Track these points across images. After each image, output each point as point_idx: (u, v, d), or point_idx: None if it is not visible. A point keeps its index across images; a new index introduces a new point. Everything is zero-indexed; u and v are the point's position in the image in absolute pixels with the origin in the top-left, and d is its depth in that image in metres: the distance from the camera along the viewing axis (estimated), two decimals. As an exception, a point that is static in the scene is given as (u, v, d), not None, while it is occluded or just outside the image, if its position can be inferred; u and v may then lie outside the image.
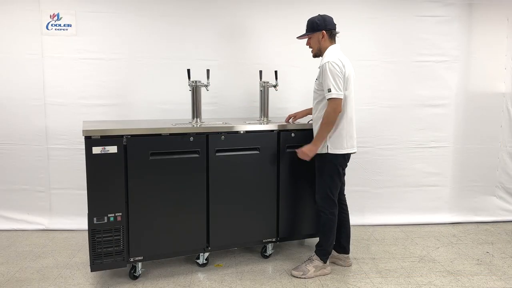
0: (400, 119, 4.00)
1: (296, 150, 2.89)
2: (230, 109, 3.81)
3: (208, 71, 3.15)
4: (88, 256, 2.74)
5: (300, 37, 2.96)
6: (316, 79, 2.85)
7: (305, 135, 3.13)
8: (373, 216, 4.03)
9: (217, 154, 2.90)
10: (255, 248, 3.31)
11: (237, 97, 3.80)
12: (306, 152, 2.81)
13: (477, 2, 3.95)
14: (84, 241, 3.41)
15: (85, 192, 2.63)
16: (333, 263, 3.07)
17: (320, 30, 2.82)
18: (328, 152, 2.80)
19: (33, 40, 3.54)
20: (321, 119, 2.77)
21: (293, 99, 3.90)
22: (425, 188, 4.09)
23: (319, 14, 2.90)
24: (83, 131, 2.60)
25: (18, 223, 3.72)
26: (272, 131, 3.05)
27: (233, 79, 3.77)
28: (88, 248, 2.71)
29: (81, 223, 3.58)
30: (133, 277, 2.85)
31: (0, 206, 3.72)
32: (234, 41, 3.75)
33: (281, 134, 3.06)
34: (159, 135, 2.76)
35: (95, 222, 2.65)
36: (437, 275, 2.98)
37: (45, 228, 3.72)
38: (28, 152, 3.66)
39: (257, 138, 3.00)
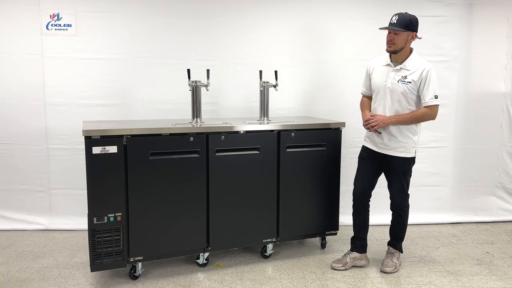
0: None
1: (368, 118, 2.87)
2: (230, 109, 3.80)
3: (208, 71, 3.15)
4: (88, 256, 2.74)
5: (387, 28, 2.81)
6: (408, 81, 2.78)
7: (306, 135, 3.14)
8: (373, 216, 4.01)
9: (217, 154, 2.90)
10: (255, 248, 3.31)
11: (237, 97, 3.80)
12: (380, 119, 2.81)
13: (477, 2, 3.95)
14: (84, 241, 3.41)
15: (85, 192, 2.63)
16: (354, 265, 3.07)
17: (413, 31, 2.78)
18: (415, 155, 2.91)
19: (33, 40, 3.54)
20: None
21: (293, 99, 3.90)
22: (425, 188, 4.09)
23: (408, 14, 2.80)
24: (83, 131, 2.60)
25: (18, 223, 3.72)
26: (272, 131, 3.05)
27: (233, 79, 3.77)
28: (88, 248, 2.71)
29: (81, 223, 3.58)
30: (133, 277, 2.85)
31: (0, 206, 3.72)
32: (234, 41, 3.75)
33: (281, 134, 3.06)
34: (159, 135, 2.76)
35: (95, 222, 2.65)
36: (437, 275, 2.98)
37: (45, 228, 3.71)
38: (28, 152, 3.66)
39: (257, 138, 3.00)
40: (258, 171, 3.03)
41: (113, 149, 2.62)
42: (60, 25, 3.55)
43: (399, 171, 2.91)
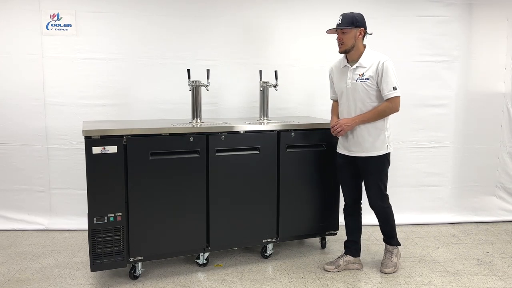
0: (400, 119, 3.98)
1: (333, 125, 2.88)
2: (230, 109, 3.81)
3: (208, 71, 3.15)
4: (88, 256, 2.74)
5: (331, 31, 2.84)
6: (366, 78, 2.75)
7: (306, 135, 3.14)
8: (373, 216, 4.01)
9: (217, 154, 2.90)
10: (255, 248, 3.31)
11: (237, 97, 3.80)
12: (343, 123, 2.80)
13: (477, 2, 3.95)
14: (84, 241, 3.41)
15: (85, 192, 2.63)
16: (347, 268, 3.04)
17: (360, 27, 2.76)
18: (388, 151, 2.85)
19: (33, 40, 3.54)
20: (380, 120, 2.81)
21: (293, 99, 3.90)
22: (425, 188, 4.09)
23: (352, 12, 2.81)
24: (83, 131, 2.60)
25: (18, 223, 3.72)
26: (272, 131, 3.05)
27: (233, 79, 3.77)
28: (88, 248, 2.71)
29: (81, 223, 3.58)
30: (133, 277, 2.85)
31: (0, 206, 3.72)
32: (234, 41, 3.75)
33: (281, 134, 3.06)
34: (159, 135, 2.76)
35: (95, 222, 2.65)
36: (437, 275, 2.98)
37: (45, 228, 3.72)
38: (28, 152, 3.66)
39: (257, 138, 3.00)
40: (258, 171, 3.03)
41: (113, 149, 2.62)
42: (60, 25, 3.55)
43: (374, 172, 2.85)
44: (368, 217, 3.97)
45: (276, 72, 3.36)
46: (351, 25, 2.74)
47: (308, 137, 3.16)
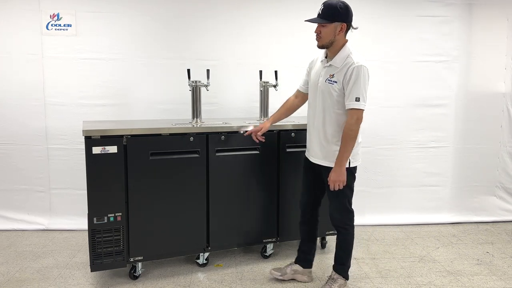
0: (400, 119, 4.00)
1: (329, 183, 2.48)
2: (230, 109, 3.80)
3: (208, 71, 3.15)
4: (88, 256, 2.74)
5: (311, 21, 2.44)
6: (334, 81, 2.42)
7: (306, 135, 3.13)
8: (373, 216, 4.03)
9: (217, 154, 2.90)
10: (255, 248, 3.31)
11: (237, 97, 3.80)
12: (337, 179, 2.43)
13: (477, 2, 3.95)
14: (84, 241, 3.41)
15: (85, 192, 2.63)
16: (294, 279, 2.83)
17: (341, 22, 2.40)
18: (350, 166, 2.49)
19: (33, 40, 3.54)
20: (339, 131, 2.45)
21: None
22: (425, 188, 4.09)
23: (340, 1, 2.44)
24: (83, 131, 2.60)
25: (18, 223, 3.72)
26: (272, 131, 3.05)
27: (233, 79, 3.77)
28: (88, 248, 2.71)
29: (81, 223, 3.58)
30: (133, 277, 2.85)
31: (0, 206, 3.72)
32: (234, 41, 3.75)
33: (281, 134, 3.06)
34: (159, 135, 2.76)
35: (95, 222, 2.65)
36: (437, 275, 2.98)
37: (45, 228, 3.71)
38: (28, 152, 3.66)
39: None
40: (258, 171, 3.03)
41: (113, 149, 2.62)
42: (60, 25, 3.55)
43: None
44: (368, 217, 4.01)
45: (276, 72, 3.36)
46: (331, 18, 2.37)
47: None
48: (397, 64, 3.94)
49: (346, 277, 2.72)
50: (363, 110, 2.38)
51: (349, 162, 2.49)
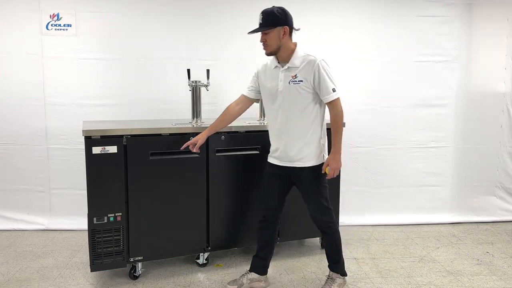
0: (400, 119, 4.00)
1: (325, 171, 2.50)
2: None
3: (208, 71, 3.15)
4: (88, 256, 2.74)
5: (253, 32, 2.51)
6: (299, 80, 2.43)
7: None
8: (373, 216, 4.03)
9: (217, 154, 2.90)
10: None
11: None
12: (336, 166, 2.48)
13: (477, 2, 3.95)
14: (84, 241, 3.41)
15: (85, 192, 2.63)
16: (251, 287, 2.75)
17: (282, 25, 2.43)
18: (324, 161, 2.53)
19: (33, 40, 3.54)
20: (316, 125, 2.50)
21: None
22: (425, 188, 4.09)
23: (276, 6, 2.48)
24: (83, 131, 2.60)
25: (18, 223, 3.72)
26: (272, 131, 3.05)
27: (233, 79, 3.77)
28: (88, 248, 2.71)
29: (81, 223, 3.58)
30: (133, 277, 2.85)
31: (0, 206, 3.72)
32: (234, 41, 3.75)
33: (281, 134, 3.06)
34: (159, 135, 2.76)
35: (95, 222, 2.65)
36: (437, 275, 2.98)
37: (45, 228, 3.72)
38: (28, 152, 3.66)
39: (257, 138, 3.00)
40: (258, 171, 3.03)
41: (113, 149, 2.62)
42: (60, 25, 3.55)
43: (310, 184, 2.54)
44: (368, 216, 4.02)
45: (276, 72, 3.36)
46: (273, 24, 2.42)
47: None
48: (397, 64, 3.94)
49: (343, 273, 2.73)
50: (340, 98, 2.47)
51: (323, 157, 2.54)
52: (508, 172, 4.14)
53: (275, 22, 2.42)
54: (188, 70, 3.11)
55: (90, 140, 2.58)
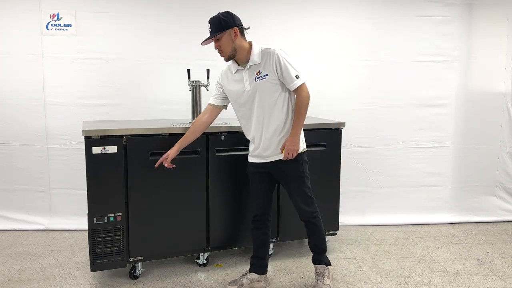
0: (400, 119, 4.00)
1: (281, 152, 2.53)
2: (230, 109, 3.79)
3: (208, 71, 3.15)
4: (88, 256, 2.74)
5: (206, 42, 2.57)
6: (265, 74, 2.44)
7: (306, 135, 3.13)
8: (373, 216, 4.03)
9: (217, 154, 2.90)
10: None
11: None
12: (292, 147, 2.48)
13: (477, 2, 3.95)
14: (84, 241, 3.41)
15: (85, 192, 2.63)
16: (252, 287, 2.75)
17: (231, 27, 2.47)
18: (303, 150, 2.58)
19: (33, 40, 3.54)
20: (290, 114, 2.52)
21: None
22: (425, 188, 4.09)
23: (220, 12, 2.56)
24: (83, 131, 2.60)
25: (18, 223, 3.72)
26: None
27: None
28: (88, 248, 2.71)
29: (81, 223, 3.58)
30: (133, 277, 2.85)
31: (0, 206, 3.73)
32: (234, 41, 3.75)
33: (281, 134, 3.06)
34: (159, 135, 2.76)
35: (95, 222, 2.65)
36: (437, 275, 2.98)
37: (45, 228, 3.72)
38: (28, 152, 3.66)
39: (257, 138, 3.00)
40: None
41: (113, 149, 2.62)
42: (60, 25, 3.56)
43: (291, 175, 2.56)
44: (368, 216, 4.02)
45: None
46: (220, 30, 2.47)
47: (308, 137, 3.14)
48: (397, 64, 3.94)
49: (329, 263, 2.76)
50: (305, 83, 2.48)
51: (302, 142, 2.59)
52: (508, 172, 4.14)
53: (223, 26, 2.48)
54: (188, 70, 3.11)
55: (90, 140, 2.58)
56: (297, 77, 2.45)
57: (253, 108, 2.54)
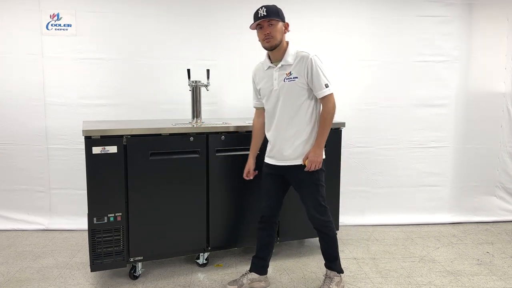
0: (400, 119, 4.00)
1: (304, 163, 2.50)
2: (230, 109, 3.81)
3: (208, 71, 3.15)
4: (88, 256, 2.74)
5: (257, 22, 2.44)
6: (294, 77, 2.44)
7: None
8: (373, 216, 4.03)
9: (217, 154, 2.90)
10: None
11: (237, 97, 3.80)
12: (315, 159, 2.47)
13: (477, 2, 3.95)
14: (84, 241, 3.41)
15: (85, 192, 2.63)
16: (252, 287, 2.75)
17: (284, 22, 2.48)
18: (324, 157, 2.54)
19: (33, 40, 3.54)
20: (313, 121, 2.51)
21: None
22: (425, 188, 4.09)
23: (275, 5, 2.49)
24: (83, 131, 2.60)
25: (18, 223, 3.72)
26: (272, 131, 3.05)
27: (233, 79, 3.77)
28: (88, 248, 2.71)
29: (81, 223, 3.58)
30: (133, 277, 2.85)
31: (0, 206, 3.73)
32: (234, 41, 3.75)
33: (281, 134, 3.06)
34: (159, 135, 2.76)
35: (95, 222, 2.65)
36: (437, 275, 2.98)
37: (45, 228, 3.72)
38: (28, 152, 3.66)
39: (257, 138, 3.00)
40: (258, 171, 3.03)
41: (113, 149, 2.62)
42: (60, 25, 3.55)
43: (308, 182, 2.53)
44: (368, 217, 4.02)
45: (276, 72, 3.36)
46: (279, 17, 2.43)
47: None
48: (397, 64, 3.94)
49: (341, 270, 2.74)
50: (333, 94, 2.48)
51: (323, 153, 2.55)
52: (508, 172, 4.14)
53: (280, 16, 2.45)
54: (188, 70, 3.11)
55: (90, 140, 2.58)
56: (326, 86, 2.43)
57: (276, 108, 2.53)
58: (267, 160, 2.66)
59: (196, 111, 3.11)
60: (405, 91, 3.97)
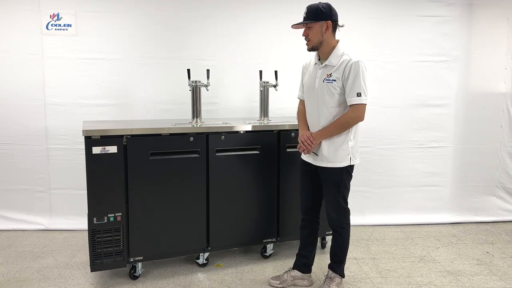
0: (400, 119, 4.00)
1: (300, 140, 2.56)
2: (230, 109, 3.81)
3: (208, 71, 3.15)
4: (88, 256, 2.74)
5: (296, 26, 2.50)
6: (333, 79, 2.44)
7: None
8: (373, 216, 4.03)
9: (217, 154, 2.90)
10: (255, 248, 3.31)
11: (237, 97, 3.80)
12: (307, 140, 2.50)
13: (477, 2, 3.95)
14: (84, 241, 3.41)
15: (85, 192, 2.63)
16: (294, 284, 2.80)
17: (325, 20, 2.42)
18: (350, 163, 2.54)
19: (33, 40, 3.54)
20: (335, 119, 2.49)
21: (294, 99, 3.89)
22: (425, 188, 4.09)
23: (322, 2, 2.51)
24: (83, 131, 2.60)
25: (18, 223, 3.72)
26: (272, 131, 3.05)
27: (233, 79, 3.77)
28: (88, 248, 2.71)
29: (81, 223, 3.58)
30: (133, 277, 2.85)
31: (0, 206, 3.72)
32: (234, 41, 3.75)
33: (281, 134, 3.06)
34: (159, 135, 2.76)
35: (95, 222, 2.65)
36: (437, 275, 2.98)
37: (45, 228, 3.71)
38: (28, 152, 3.66)
39: (257, 138, 3.00)
40: (258, 171, 3.03)
41: (113, 149, 2.63)
42: (60, 25, 3.55)
43: (330, 183, 2.56)
44: (368, 217, 4.02)
45: (276, 72, 3.36)
46: (315, 19, 2.42)
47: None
48: (397, 64, 3.94)
49: (342, 275, 2.73)
50: (365, 104, 2.42)
51: (350, 159, 2.54)
52: (508, 172, 4.14)
53: (318, 16, 2.43)
54: (188, 70, 3.11)
55: (90, 140, 2.58)
56: (358, 94, 2.38)
57: (313, 105, 2.56)
58: (303, 156, 2.70)
59: (196, 111, 3.11)
60: (405, 91, 3.97)
